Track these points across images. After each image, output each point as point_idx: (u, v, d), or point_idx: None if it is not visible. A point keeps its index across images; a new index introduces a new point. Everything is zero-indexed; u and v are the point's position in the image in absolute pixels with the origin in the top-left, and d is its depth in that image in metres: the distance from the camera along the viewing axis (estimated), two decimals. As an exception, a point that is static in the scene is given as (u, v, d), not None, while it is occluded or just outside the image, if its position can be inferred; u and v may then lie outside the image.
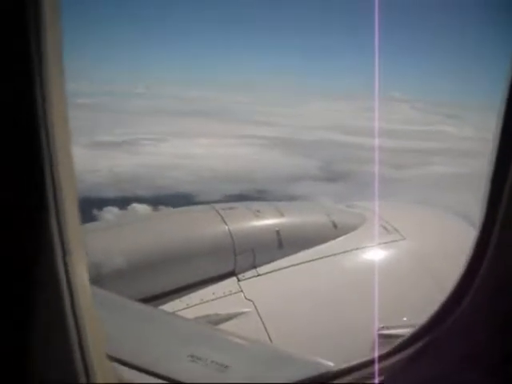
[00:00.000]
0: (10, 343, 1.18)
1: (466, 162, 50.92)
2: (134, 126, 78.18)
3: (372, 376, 1.86)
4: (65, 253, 1.15)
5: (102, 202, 35.24)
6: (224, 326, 4.39)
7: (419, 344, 1.95)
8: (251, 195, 41.51)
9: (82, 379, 1.24)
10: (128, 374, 2.23)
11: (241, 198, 34.62)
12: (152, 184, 46.33)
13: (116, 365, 2.25)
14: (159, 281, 4.68)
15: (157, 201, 37.32)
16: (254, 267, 5.01)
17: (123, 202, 36.52)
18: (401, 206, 7.62)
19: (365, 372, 1.88)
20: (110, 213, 33.60)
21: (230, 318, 4.55)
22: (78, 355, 1.22)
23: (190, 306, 4.61)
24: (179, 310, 4.52)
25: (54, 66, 1.07)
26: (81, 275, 1.22)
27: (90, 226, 5.42)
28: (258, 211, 5.29)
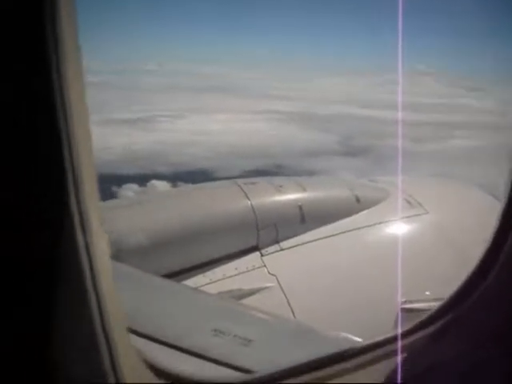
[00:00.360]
0: (33, 327, 1.19)
1: (487, 135, 50.28)
2: (149, 103, 77.69)
3: (395, 353, 1.85)
4: (85, 233, 1.15)
5: (121, 179, 35.18)
6: (247, 301, 4.40)
7: (443, 320, 1.93)
8: (270, 170, 41.09)
9: (106, 362, 1.24)
10: (151, 348, 2.25)
11: (259, 173, 34.31)
12: (170, 161, 46.11)
13: (140, 340, 2.27)
14: (182, 256, 4.70)
15: (175, 177, 37.39)
16: (277, 242, 5.01)
17: (142, 179, 36.45)
18: (424, 180, 7.56)
19: (388, 349, 1.87)
20: (130, 190, 33.62)
21: (253, 292, 4.56)
22: (101, 338, 1.22)
23: (214, 281, 4.63)
24: (202, 286, 4.54)
25: (70, 44, 1.06)
26: (102, 255, 1.22)
27: (112, 202, 5.45)
28: (281, 186, 5.28)
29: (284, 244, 5.01)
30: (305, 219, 5.12)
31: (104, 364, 1.24)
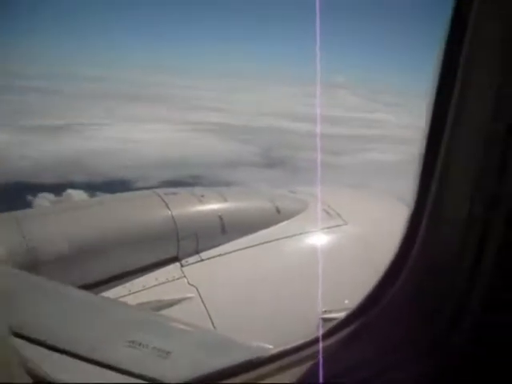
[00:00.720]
0: None
1: (401, 148, 51.76)
2: (77, 110, 76.57)
3: (312, 357, 1.87)
4: None
5: (36, 188, 34.41)
6: (167, 312, 4.36)
7: (352, 326, 1.98)
8: (188, 181, 40.97)
9: None
10: (64, 361, 2.20)
11: (177, 184, 34.27)
12: (88, 170, 45.27)
13: (47, 352, 2.22)
14: (101, 267, 4.61)
15: (92, 187, 36.91)
16: (198, 252, 4.99)
17: (58, 188, 35.76)
18: (342, 190, 7.69)
19: (304, 353, 1.89)
20: (45, 199, 32.90)
21: (173, 303, 4.52)
22: None
23: (133, 292, 4.57)
24: (122, 297, 4.47)
25: None
26: None
27: (30, 211, 5.31)
28: (202, 196, 5.26)
29: (204, 254, 5.00)
30: (225, 229, 5.12)
31: None
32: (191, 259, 4.95)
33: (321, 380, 1.79)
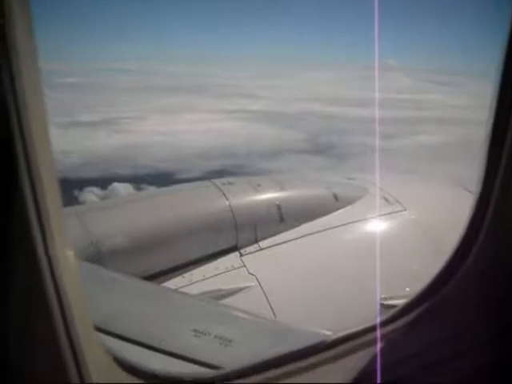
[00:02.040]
0: None
1: (454, 130, 50.40)
2: (117, 104, 76.91)
3: (372, 343, 1.87)
4: (46, 240, 1.13)
5: (83, 183, 34.81)
6: (227, 301, 4.40)
7: (418, 311, 1.95)
8: (233, 171, 40.62)
9: (70, 362, 1.23)
10: (132, 350, 2.24)
11: (222, 173, 34.16)
12: (132, 163, 45.40)
13: (120, 342, 2.27)
14: (162, 258, 4.69)
15: (137, 180, 37.18)
16: (256, 241, 5.01)
17: (103, 182, 36.14)
18: (400, 177, 7.60)
19: (364, 339, 1.88)
20: (92, 193, 33.32)
21: (233, 292, 4.56)
22: (64, 339, 1.21)
23: (193, 282, 4.62)
24: (182, 287, 4.53)
25: (26, 46, 1.04)
26: (65, 261, 1.20)
27: (91, 204, 5.43)
28: (259, 185, 5.28)
29: (263, 243, 5.02)
30: (283, 218, 5.12)
31: (67, 364, 1.23)
32: (250, 248, 4.97)
33: (380, 367, 1.78)
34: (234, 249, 4.94)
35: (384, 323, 1.93)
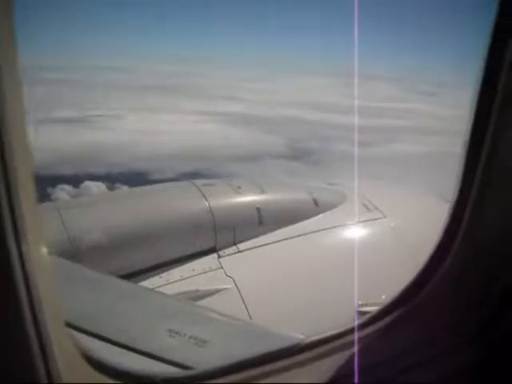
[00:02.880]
0: None
1: (431, 140, 50.64)
2: (102, 102, 76.53)
3: (348, 346, 1.87)
4: (18, 235, 1.11)
5: (55, 180, 34.47)
6: (204, 303, 4.39)
7: (394, 315, 1.97)
8: (206, 174, 40.46)
9: (39, 361, 1.22)
10: (106, 349, 2.23)
11: (195, 176, 34.04)
12: (106, 161, 45.09)
13: (93, 340, 2.25)
14: (139, 257, 4.67)
15: (110, 178, 37.09)
16: (235, 244, 5.01)
17: (76, 180, 35.94)
18: (378, 185, 7.65)
19: (340, 342, 1.89)
20: (64, 191, 33.11)
21: (209, 294, 4.55)
22: (33, 338, 1.20)
23: (170, 282, 4.61)
24: (159, 287, 4.51)
25: (5, 40, 1.03)
26: (37, 259, 1.19)
27: (71, 201, 5.39)
28: (239, 187, 5.28)
29: (241, 246, 5.02)
30: (263, 221, 5.13)
31: (36, 362, 1.22)
32: (228, 250, 4.97)
33: (356, 370, 1.78)
34: (212, 250, 4.94)
35: (360, 327, 1.94)
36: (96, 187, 34.38)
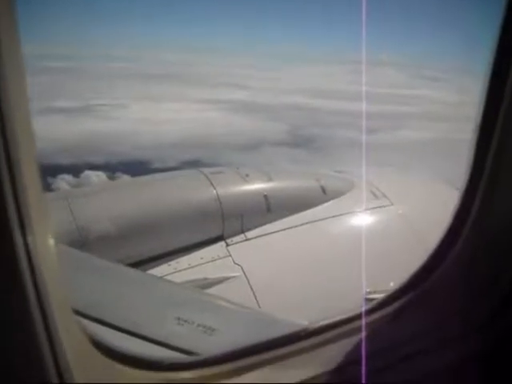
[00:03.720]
0: None
1: (438, 126, 50.23)
2: (104, 91, 75.98)
3: (356, 331, 1.87)
4: (24, 225, 1.11)
5: (56, 170, 34.29)
6: (212, 291, 4.40)
7: (403, 300, 1.97)
8: (208, 162, 40.11)
9: (47, 352, 1.23)
10: (115, 336, 2.24)
11: (197, 164, 33.80)
12: (107, 150, 44.77)
13: (102, 328, 2.26)
14: (147, 245, 4.68)
15: (110, 168, 37.00)
16: (243, 232, 5.01)
17: (76, 170, 35.80)
18: (385, 172, 7.63)
19: (348, 327, 1.89)
20: (64, 181, 33.04)
21: (218, 282, 4.56)
22: (41, 330, 1.20)
23: (179, 270, 4.62)
24: (167, 275, 4.52)
25: (8, 31, 1.02)
26: (43, 248, 1.19)
27: (79, 190, 5.41)
28: (247, 175, 5.27)
29: (249, 234, 5.02)
30: (270, 209, 5.13)
31: (43, 347, 1.22)
32: (236, 238, 4.98)
33: (364, 355, 1.78)
34: (220, 238, 4.95)
35: (368, 312, 1.94)
36: (96, 177, 34.33)
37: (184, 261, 4.71)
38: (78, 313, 1.47)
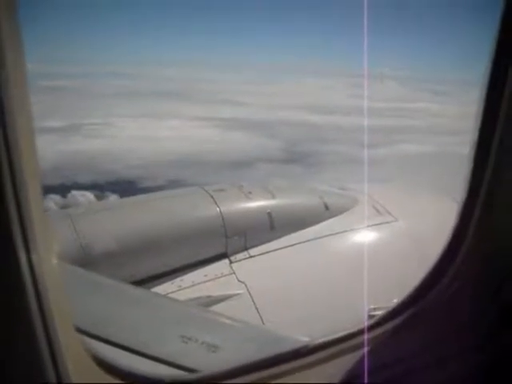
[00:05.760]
0: None
1: (439, 140, 50.01)
2: (98, 109, 75.54)
3: (357, 347, 1.88)
4: (27, 242, 1.12)
5: (44, 190, 34.02)
6: (216, 308, 4.39)
7: (403, 316, 1.97)
8: (198, 180, 39.79)
9: (47, 361, 1.23)
10: (119, 355, 2.24)
11: (186, 184, 33.53)
12: (95, 170, 44.32)
13: (106, 346, 2.26)
14: (151, 263, 4.68)
15: (98, 187, 36.79)
16: (246, 249, 5.01)
17: (64, 190, 35.44)
18: (391, 188, 7.62)
19: (350, 343, 1.89)
20: (52, 200, 32.81)
21: (222, 299, 4.56)
22: (42, 340, 1.21)
23: (182, 288, 4.62)
24: (171, 293, 4.52)
25: (13, 51, 1.03)
26: (47, 263, 1.20)
27: (83, 208, 5.42)
28: (250, 193, 5.28)
29: (253, 251, 5.02)
30: (274, 226, 5.13)
31: (45, 363, 1.23)
32: (240, 256, 4.98)
33: (366, 370, 1.79)
34: (223, 256, 4.94)
35: (369, 328, 1.94)
36: (81, 196, 34.18)
37: (188, 278, 4.71)
38: (80, 331, 1.47)
